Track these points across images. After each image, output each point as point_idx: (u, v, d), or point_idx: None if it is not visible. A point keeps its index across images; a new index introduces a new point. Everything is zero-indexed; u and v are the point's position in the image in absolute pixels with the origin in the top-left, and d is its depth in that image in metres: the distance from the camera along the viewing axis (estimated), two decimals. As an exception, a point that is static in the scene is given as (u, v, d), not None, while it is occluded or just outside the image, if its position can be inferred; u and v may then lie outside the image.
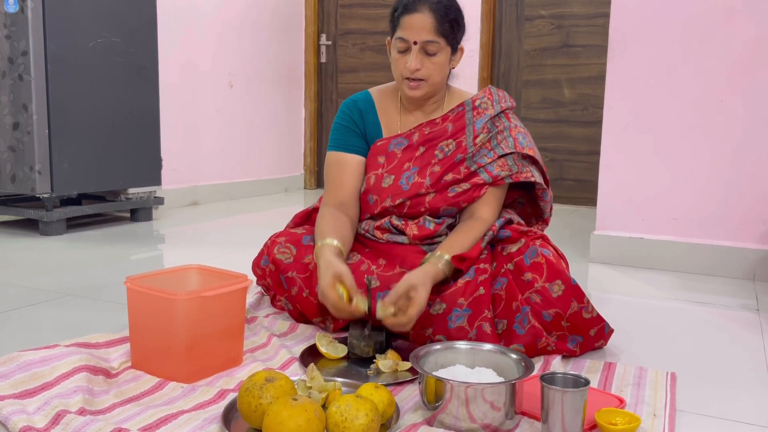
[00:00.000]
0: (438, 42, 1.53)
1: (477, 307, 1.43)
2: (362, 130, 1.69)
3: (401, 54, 1.56)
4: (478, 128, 1.61)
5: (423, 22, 1.52)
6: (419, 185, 1.61)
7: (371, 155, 1.67)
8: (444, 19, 1.53)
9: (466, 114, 1.64)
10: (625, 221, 2.53)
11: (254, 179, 4.50)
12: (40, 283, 2.06)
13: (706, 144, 2.38)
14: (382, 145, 1.66)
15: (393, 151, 1.65)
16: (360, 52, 4.73)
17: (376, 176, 1.65)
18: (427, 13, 1.52)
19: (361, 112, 1.69)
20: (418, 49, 1.53)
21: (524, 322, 1.43)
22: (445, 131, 1.63)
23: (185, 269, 1.45)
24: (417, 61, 1.53)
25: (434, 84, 1.59)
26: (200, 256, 2.51)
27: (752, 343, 1.66)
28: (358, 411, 1.01)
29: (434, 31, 1.52)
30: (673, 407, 1.23)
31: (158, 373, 1.29)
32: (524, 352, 1.42)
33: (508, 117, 1.66)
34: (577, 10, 4.05)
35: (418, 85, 1.57)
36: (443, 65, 1.57)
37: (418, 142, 1.64)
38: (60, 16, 2.77)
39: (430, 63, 1.55)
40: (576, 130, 4.12)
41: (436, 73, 1.57)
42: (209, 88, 4.07)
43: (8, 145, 2.79)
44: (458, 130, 1.63)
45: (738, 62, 2.32)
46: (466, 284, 1.45)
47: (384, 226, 1.63)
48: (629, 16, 2.45)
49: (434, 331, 1.45)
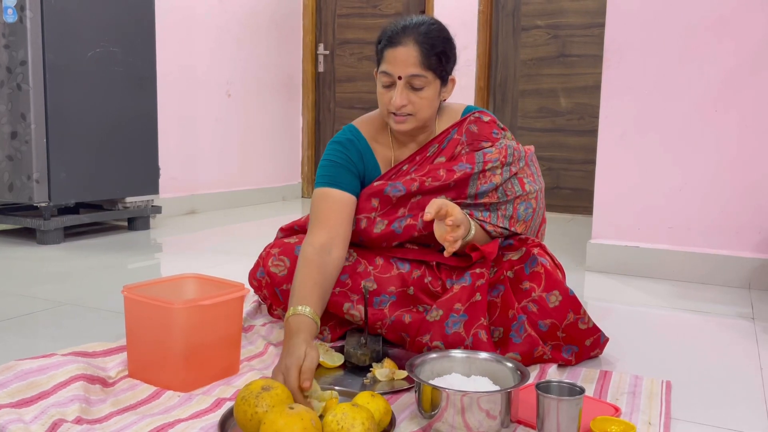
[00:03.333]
0: (425, 76, 1.44)
1: (473, 313, 1.43)
2: (361, 171, 1.59)
3: (386, 89, 1.48)
4: (480, 192, 1.52)
5: (407, 56, 1.42)
6: (412, 228, 1.54)
7: (365, 196, 1.56)
8: (430, 52, 1.43)
9: (471, 177, 1.51)
10: (622, 230, 2.54)
11: (252, 188, 4.50)
12: (38, 292, 2.06)
13: (702, 153, 2.40)
14: (378, 188, 1.55)
15: (388, 195, 1.54)
16: (357, 61, 4.75)
17: (368, 220, 1.56)
18: (412, 47, 1.43)
19: (361, 153, 1.58)
20: (403, 84, 1.45)
21: (521, 330, 1.43)
22: (447, 186, 1.52)
23: (182, 278, 1.45)
24: (402, 97, 1.45)
25: (422, 119, 1.50)
26: (197, 264, 2.51)
27: (747, 351, 1.67)
28: (354, 419, 1.01)
29: (420, 65, 1.43)
30: (668, 416, 1.23)
31: (155, 381, 1.29)
32: (521, 361, 1.42)
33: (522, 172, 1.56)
34: (573, 20, 4.08)
35: (405, 120, 1.49)
36: (432, 99, 1.48)
37: (416, 192, 1.53)
38: (59, 26, 2.79)
39: (417, 98, 1.46)
40: (572, 139, 4.14)
41: (424, 109, 1.48)
42: (207, 96, 4.08)
43: (6, 155, 2.79)
44: (461, 187, 1.52)
45: (733, 72, 2.33)
46: (462, 289, 1.45)
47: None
48: (624, 26, 2.47)
49: (432, 338, 1.45)
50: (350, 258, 1.58)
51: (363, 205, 1.56)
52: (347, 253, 1.56)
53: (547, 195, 4.20)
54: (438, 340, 1.44)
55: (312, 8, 4.80)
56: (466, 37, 4.25)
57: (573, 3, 4.08)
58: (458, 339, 1.42)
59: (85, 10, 2.89)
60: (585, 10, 4.04)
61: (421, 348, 1.46)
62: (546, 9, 4.14)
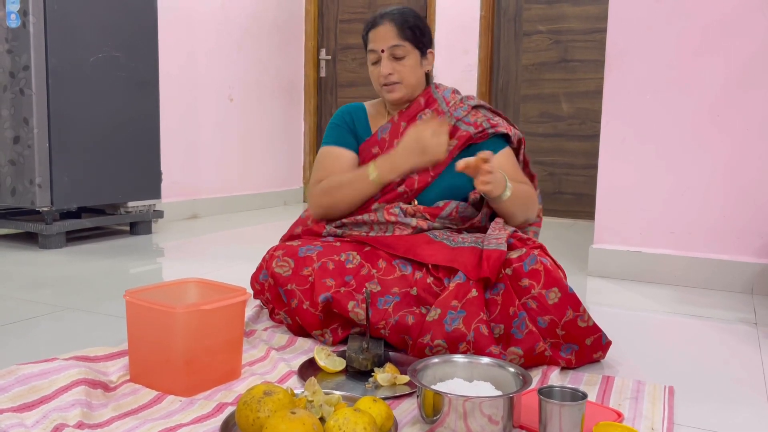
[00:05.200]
0: (403, 45, 1.73)
1: (471, 309, 1.44)
2: (354, 130, 1.84)
3: (374, 65, 1.77)
4: (447, 95, 1.82)
5: (386, 31, 1.73)
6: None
7: (364, 149, 1.81)
8: (404, 26, 1.73)
9: (431, 89, 1.84)
10: (623, 235, 2.54)
11: (254, 192, 4.51)
12: (39, 297, 2.06)
13: (704, 158, 2.40)
14: (371, 138, 1.82)
15: (382, 138, 1.80)
16: (359, 66, 4.75)
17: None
18: (388, 24, 1.74)
19: (353, 116, 1.86)
20: (386, 56, 1.74)
21: (522, 326, 1.44)
22: (419, 104, 1.81)
23: (184, 282, 1.45)
24: (388, 67, 1.73)
25: (410, 85, 1.77)
26: (199, 269, 2.51)
27: (750, 356, 1.66)
28: (356, 424, 1.01)
29: (397, 36, 1.73)
30: (671, 421, 1.23)
31: (157, 386, 1.29)
32: (522, 357, 1.43)
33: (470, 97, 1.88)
34: (575, 25, 4.08)
35: (394, 88, 1.76)
36: (414, 67, 1.76)
37: (398, 120, 1.81)
38: (61, 31, 2.80)
39: (401, 66, 1.74)
40: (574, 144, 4.14)
41: (409, 75, 1.75)
42: (209, 101, 4.09)
43: (9, 159, 2.80)
44: (430, 101, 1.82)
45: (734, 76, 2.34)
46: (458, 286, 1.46)
47: (393, 210, 1.69)
48: (626, 31, 2.48)
49: (432, 337, 1.44)
50: (354, 260, 1.60)
51: (365, 156, 1.80)
52: (351, 255, 1.61)
53: (549, 200, 4.20)
54: (439, 339, 1.44)
55: (314, 13, 4.81)
56: (467, 42, 4.26)
57: (574, 8, 4.08)
58: (459, 335, 1.42)
59: (88, 15, 2.90)
60: (586, 15, 4.05)
61: (423, 349, 1.46)
62: (547, 14, 4.15)
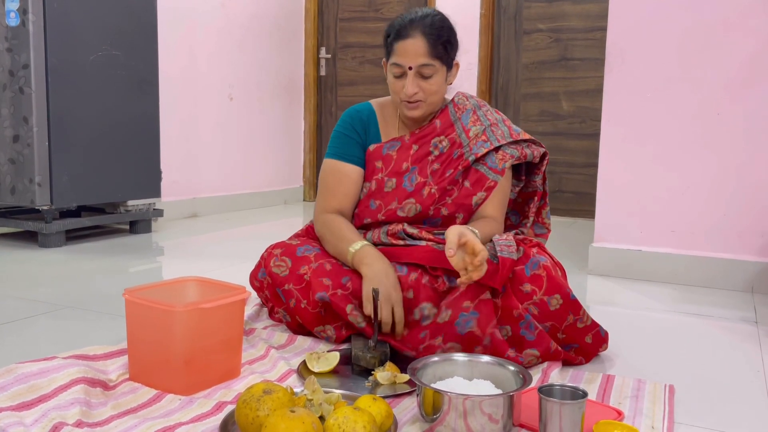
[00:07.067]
0: (433, 65, 1.55)
1: (484, 311, 1.40)
2: (363, 140, 1.71)
3: (397, 78, 1.60)
4: (466, 123, 1.67)
5: (416, 47, 1.54)
6: (422, 184, 1.64)
7: (368, 161, 1.70)
8: (437, 42, 1.55)
9: (449, 111, 1.69)
10: (624, 233, 2.54)
11: (254, 191, 4.50)
12: (39, 295, 2.06)
13: (705, 156, 2.39)
14: (376, 150, 1.69)
15: (388, 153, 1.68)
16: (359, 65, 4.75)
17: (377, 181, 1.68)
18: (419, 38, 1.54)
19: (364, 122, 1.72)
20: (413, 74, 1.56)
21: (531, 327, 1.42)
22: (435, 127, 1.68)
23: (184, 281, 1.45)
24: (413, 86, 1.57)
25: (433, 103, 1.63)
26: (199, 268, 2.51)
27: (750, 355, 1.66)
28: (355, 423, 1.01)
29: (428, 54, 1.54)
30: (671, 420, 1.22)
31: (156, 385, 1.28)
32: (539, 358, 1.42)
33: (496, 111, 1.73)
34: (575, 23, 4.08)
35: (417, 106, 1.61)
36: (440, 85, 1.60)
37: (410, 141, 1.68)
38: (61, 30, 2.79)
39: (427, 85, 1.58)
40: (574, 143, 4.13)
41: (434, 94, 1.60)
42: (209, 100, 4.08)
43: (8, 158, 2.79)
44: (447, 126, 1.68)
45: (736, 75, 2.33)
46: (468, 287, 1.43)
47: (399, 235, 1.62)
48: (626, 30, 2.47)
49: (444, 339, 1.42)
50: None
51: (369, 168, 1.69)
52: None
53: (549, 198, 4.19)
54: (452, 341, 1.41)
55: (314, 12, 4.80)
56: (467, 40, 4.25)
57: (575, 6, 4.08)
58: (474, 339, 1.39)
59: (88, 13, 2.90)
60: (587, 13, 4.04)
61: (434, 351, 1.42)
62: (548, 12, 4.15)
